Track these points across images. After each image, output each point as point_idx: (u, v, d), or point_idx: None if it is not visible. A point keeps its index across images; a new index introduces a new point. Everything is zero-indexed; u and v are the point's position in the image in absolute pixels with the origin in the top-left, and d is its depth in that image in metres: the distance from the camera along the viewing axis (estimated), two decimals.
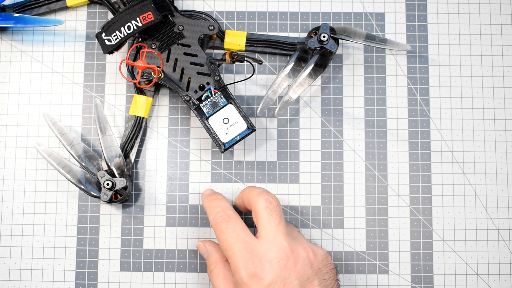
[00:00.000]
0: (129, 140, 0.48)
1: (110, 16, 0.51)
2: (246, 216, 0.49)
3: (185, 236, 0.49)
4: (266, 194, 0.42)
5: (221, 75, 0.49)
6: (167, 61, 0.47)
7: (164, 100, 0.50)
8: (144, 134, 0.50)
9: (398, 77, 0.51)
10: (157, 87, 0.50)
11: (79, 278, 0.49)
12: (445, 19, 0.51)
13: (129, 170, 0.49)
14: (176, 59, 0.47)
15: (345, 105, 0.50)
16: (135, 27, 0.46)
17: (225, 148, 0.46)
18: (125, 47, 0.50)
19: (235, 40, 0.50)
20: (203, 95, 0.47)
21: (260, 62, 0.44)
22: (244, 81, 0.50)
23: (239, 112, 0.46)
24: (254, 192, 0.43)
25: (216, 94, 0.46)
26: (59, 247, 0.49)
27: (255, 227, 0.43)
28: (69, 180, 0.47)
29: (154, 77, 0.46)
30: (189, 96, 0.47)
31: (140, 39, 0.48)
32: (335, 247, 0.49)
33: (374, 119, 0.50)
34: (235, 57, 0.44)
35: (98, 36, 0.46)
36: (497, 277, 0.49)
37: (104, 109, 0.50)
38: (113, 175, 0.47)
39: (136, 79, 0.45)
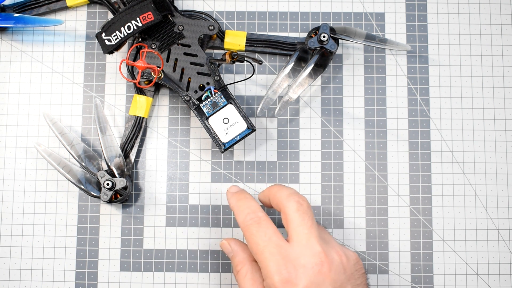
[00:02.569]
0: (129, 140, 0.48)
1: (110, 16, 0.51)
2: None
3: (185, 236, 0.49)
4: (297, 196, 0.41)
5: (221, 75, 0.49)
6: (167, 61, 0.47)
7: (164, 100, 0.50)
8: (144, 134, 0.50)
9: (398, 77, 0.51)
10: (157, 87, 0.50)
11: (79, 278, 0.49)
12: (445, 19, 0.51)
13: (129, 170, 0.49)
14: (176, 59, 0.47)
15: (345, 105, 0.50)
16: (135, 27, 0.46)
17: (225, 148, 0.46)
18: (125, 47, 0.50)
19: (235, 40, 0.50)
20: (203, 95, 0.47)
21: (260, 62, 0.44)
22: (244, 81, 0.50)
23: (239, 112, 0.46)
24: (283, 194, 0.41)
25: (216, 94, 0.46)
26: (59, 247, 0.49)
27: (283, 226, 0.43)
28: (69, 180, 0.47)
29: (154, 77, 0.46)
30: (189, 96, 0.47)
31: (140, 39, 0.48)
32: None
33: (374, 119, 0.50)
34: (235, 57, 0.44)
35: (98, 36, 0.46)
36: (497, 277, 0.49)
37: (104, 109, 0.50)
38: (113, 175, 0.47)
39: (136, 79, 0.45)
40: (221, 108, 0.46)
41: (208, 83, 0.47)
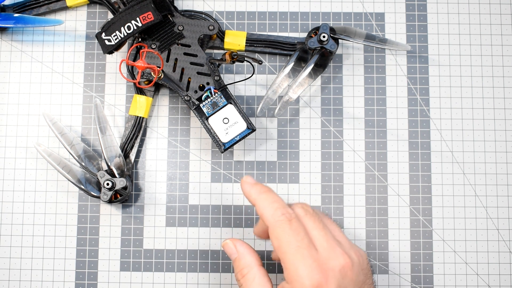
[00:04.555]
0: (129, 140, 0.48)
1: (110, 16, 0.51)
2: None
3: (185, 236, 0.49)
4: (295, 205, 0.40)
5: (221, 75, 0.49)
6: (167, 61, 0.47)
7: (164, 100, 0.50)
8: (144, 134, 0.50)
9: (398, 77, 0.51)
10: (157, 87, 0.50)
11: (79, 278, 0.49)
12: (445, 19, 0.51)
13: (129, 170, 0.49)
14: (176, 59, 0.47)
15: (345, 105, 0.50)
16: (135, 27, 0.46)
17: (225, 148, 0.46)
18: (125, 47, 0.50)
19: (235, 40, 0.50)
20: (203, 95, 0.47)
21: (260, 62, 0.44)
22: (244, 81, 0.50)
23: (239, 112, 0.46)
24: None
25: (216, 94, 0.46)
26: (59, 247, 0.49)
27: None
28: (69, 180, 0.47)
29: (154, 77, 0.46)
30: (189, 96, 0.47)
31: (140, 39, 0.48)
32: None
33: (374, 119, 0.50)
34: (235, 57, 0.44)
35: (98, 36, 0.46)
36: (497, 277, 0.49)
37: (104, 109, 0.50)
38: (113, 175, 0.47)
39: (136, 79, 0.45)
40: (221, 108, 0.46)
41: (208, 83, 0.47)
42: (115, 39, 0.46)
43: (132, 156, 0.49)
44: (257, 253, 0.40)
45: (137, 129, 0.49)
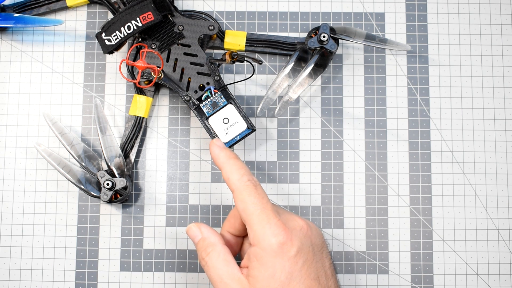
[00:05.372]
0: (129, 140, 0.48)
1: (110, 16, 0.51)
2: None
3: (185, 236, 0.49)
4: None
5: (221, 75, 0.49)
6: (167, 61, 0.47)
7: (164, 100, 0.50)
8: (144, 134, 0.50)
9: (398, 77, 0.51)
10: (157, 87, 0.50)
11: (79, 278, 0.49)
12: (445, 19, 0.51)
13: (129, 170, 0.49)
14: (176, 59, 0.47)
15: (345, 105, 0.50)
16: (135, 27, 0.46)
17: None
18: (125, 47, 0.50)
19: (235, 40, 0.50)
20: (203, 95, 0.47)
21: (260, 62, 0.44)
22: (244, 81, 0.50)
23: (239, 112, 0.46)
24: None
25: (216, 94, 0.46)
26: (59, 247, 0.49)
27: None
28: (69, 180, 0.47)
29: (154, 77, 0.46)
30: (189, 96, 0.47)
31: (140, 39, 0.48)
32: (335, 247, 0.49)
33: (374, 119, 0.50)
34: (235, 57, 0.44)
35: (98, 36, 0.46)
36: (497, 277, 0.49)
37: (104, 109, 0.50)
38: (113, 175, 0.47)
39: (136, 79, 0.45)
40: (221, 108, 0.46)
41: (208, 83, 0.47)
42: (115, 39, 0.46)
43: (132, 156, 0.49)
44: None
45: (137, 129, 0.49)
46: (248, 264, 0.39)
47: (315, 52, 0.48)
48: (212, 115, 0.46)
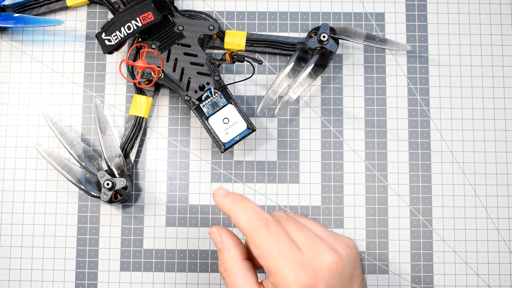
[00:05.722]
0: (129, 140, 0.48)
1: (110, 16, 0.51)
2: None
3: (185, 236, 0.49)
4: (270, 213, 0.38)
5: (221, 75, 0.49)
6: (167, 61, 0.47)
7: (164, 100, 0.50)
8: (144, 134, 0.50)
9: (398, 77, 0.51)
10: (157, 87, 0.50)
11: (79, 278, 0.49)
12: (445, 19, 0.51)
13: (129, 170, 0.49)
14: (176, 59, 0.47)
15: (345, 105, 0.50)
16: (135, 27, 0.46)
17: (225, 148, 0.46)
18: (125, 47, 0.50)
19: (235, 40, 0.50)
20: (203, 95, 0.47)
21: (260, 62, 0.44)
22: (244, 81, 0.50)
23: (239, 112, 0.46)
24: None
25: (216, 94, 0.46)
26: (59, 247, 0.49)
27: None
28: (69, 180, 0.47)
29: (154, 77, 0.46)
30: (189, 96, 0.47)
31: (140, 39, 0.48)
32: None
33: (374, 119, 0.50)
34: (235, 57, 0.44)
35: (98, 36, 0.46)
36: (497, 277, 0.49)
37: (104, 109, 0.50)
38: (113, 175, 0.47)
39: (136, 79, 0.45)
40: (221, 108, 0.46)
41: (208, 83, 0.47)
42: (115, 39, 0.46)
43: (132, 156, 0.49)
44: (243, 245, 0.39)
45: (137, 129, 0.49)
46: None
47: (315, 52, 0.48)
48: (212, 115, 0.46)
